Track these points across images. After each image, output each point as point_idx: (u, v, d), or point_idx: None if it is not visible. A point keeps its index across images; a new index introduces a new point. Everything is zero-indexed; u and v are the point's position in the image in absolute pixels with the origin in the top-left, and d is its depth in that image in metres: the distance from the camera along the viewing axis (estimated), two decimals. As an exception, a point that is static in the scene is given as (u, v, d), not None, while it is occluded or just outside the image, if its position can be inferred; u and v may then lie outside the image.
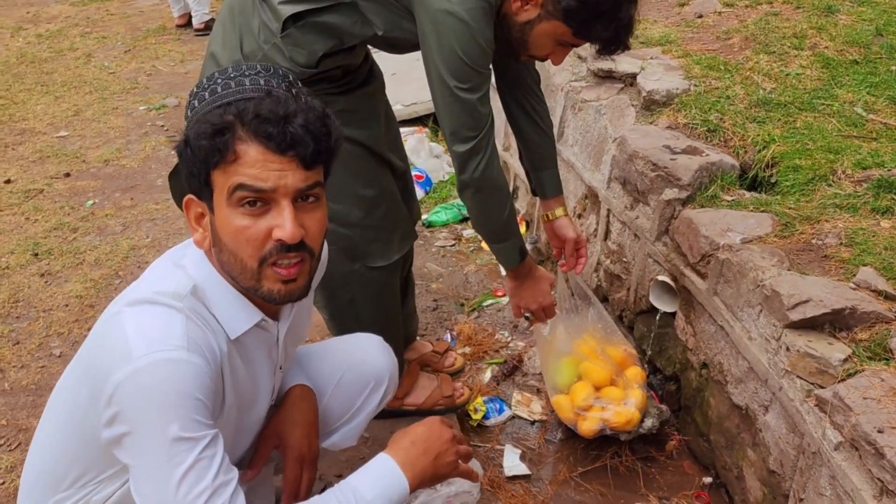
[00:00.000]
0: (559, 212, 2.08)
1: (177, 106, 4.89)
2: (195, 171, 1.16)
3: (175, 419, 1.09)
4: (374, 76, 2.01)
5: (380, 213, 1.93)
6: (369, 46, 1.92)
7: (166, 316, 1.15)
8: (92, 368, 1.17)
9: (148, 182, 3.92)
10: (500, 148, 3.62)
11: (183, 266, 1.24)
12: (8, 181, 3.90)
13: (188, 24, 6.50)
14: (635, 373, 2.16)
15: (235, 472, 1.16)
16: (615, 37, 1.65)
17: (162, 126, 4.62)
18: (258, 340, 1.31)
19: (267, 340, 1.34)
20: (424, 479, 1.28)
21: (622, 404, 2.06)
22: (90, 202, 3.69)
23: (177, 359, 1.11)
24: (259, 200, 1.14)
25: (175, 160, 1.26)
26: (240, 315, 1.24)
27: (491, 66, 1.73)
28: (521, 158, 2.13)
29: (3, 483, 2.09)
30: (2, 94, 5.18)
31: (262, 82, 1.18)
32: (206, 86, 1.19)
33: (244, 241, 1.15)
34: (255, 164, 1.11)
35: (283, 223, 1.13)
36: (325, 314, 2.06)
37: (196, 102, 1.20)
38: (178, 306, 1.16)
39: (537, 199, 2.16)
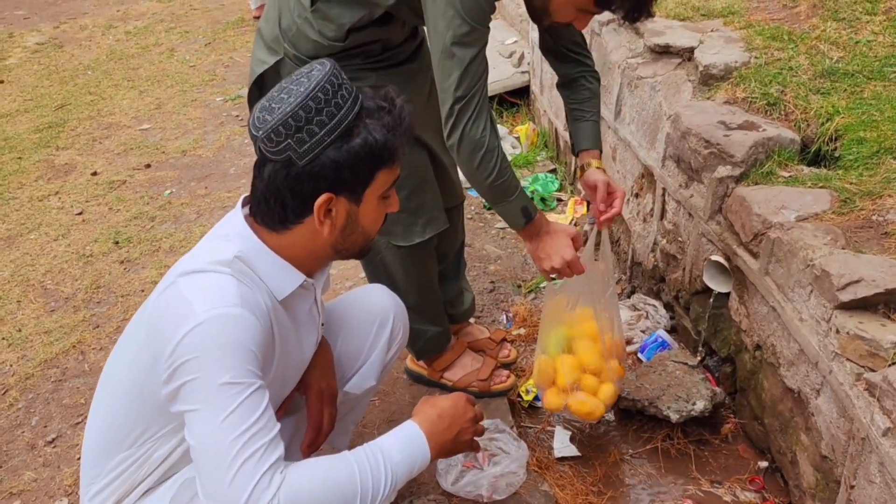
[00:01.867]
0: (594, 163, 1.98)
1: (251, 96, 5.03)
2: (363, 169, 1.29)
3: (230, 367, 1.19)
4: (420, 55, 2.00)
5: (403, 195, 1.91)
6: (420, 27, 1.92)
7: (219, 279, 1.25)
8: (154, 333, 1.27)
9: (221, 171, 4.07)
10: (560, 127, 3.58)
11: (227, 238, 1.34)
12: (94, 173, 4.13)
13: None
14: (613, 367, 2.05)
15: (278, 425, 1.23)
16: (637, 4, 1.61)
17: (237, 116, 4.78)
18: (301, 300, 1.43)
19: (308, 300, 1.46)
20: (442, 452, 1.36)
21: (591, 395, 1.99)
22: (167, 192, 3.86)
23: (234, 314, 1.21)
24: None
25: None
26: (285, 277, 1.36)
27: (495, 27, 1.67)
28: (566, 117, 2.07)
29: (80, 458, 2.23)
30: (92, 90, 5.46)
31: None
32: (336, 90, 1.27)
33: (379, 221, 1.40)
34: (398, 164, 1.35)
35: (396, 204, 1.43)
36: (367, 273, 2.13)
37: (334, 108, 1.26)
38: (228, 271, 1.27)
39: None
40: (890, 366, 1.49)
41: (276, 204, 1.31)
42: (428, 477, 2.00)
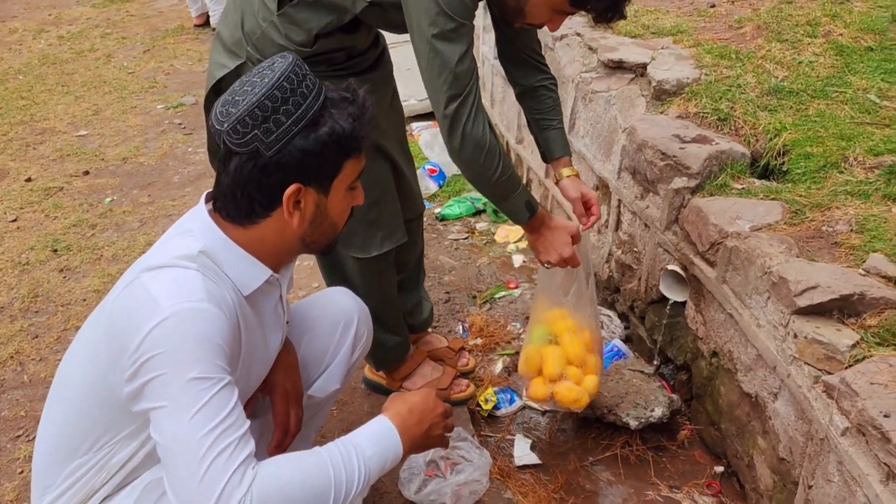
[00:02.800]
0: (565, 172, 2.01)
1: (194, 104, 4.94)
2: (330, 158, 1.29)
3: (198, 362, 1.17)
4: (382, 64, 1.99)
5: (363, 206, 1.91)
6: (384, 35, 1.92)
7: (184, 274, 1.24)
8: (116, 331, 1.23)
9: (165, 179, 3.97)
10: (512, 140, 3.62)
11: (191, 233, 1.32)
12: (29, 179, 3.97)
13: (206, 23, 6.57)
14: (595, 361, 2.10)
15: (248, 421, 1.20)
16: (612, 4, 1.63)
17: (179, 124, 4.68)
18: (267, 297, 1.41)
19: (274, 296, 1.44)
20: (414, 448, 1.35)
21: (577, 384, 2.03)
22: (108, 199, 3.74)
23: (201, 308, 1.19)
24: None
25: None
26: (251, 273, 1.34)
27: (473, 24, 1.67)
28: (528, 125, 2.09)
29: (22, 472, 2.13)
30: (24, 94, 5.26)
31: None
32: (299, 84, 1.26)
33: (346, 213, 1.40)
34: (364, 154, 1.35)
35: (362, 197, 1.43)
36: (328, 283, 2.11)
37: (300, 98, 1.25)
38: (193, 266, 1.25)
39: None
40: (847, 368, 1.55)
41: (243, 197, 1.29)
42: (391, 486, 1.98)
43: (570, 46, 3.05)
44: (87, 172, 4.05)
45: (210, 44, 6.52)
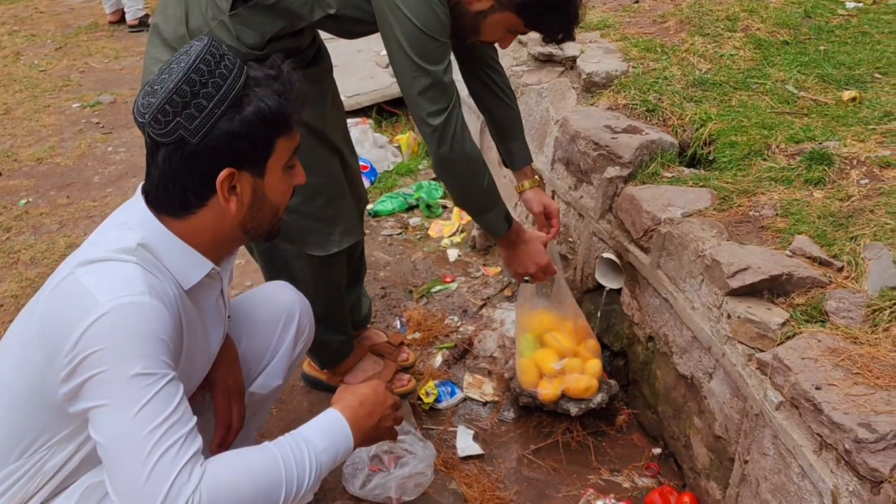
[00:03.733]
0: (526, 184, 2.10)
1: (112, 102, 4.76)
2: (260, 139, 1.25)
3: (141, 357, 1.12)
4: (321, 58, 1.98)
5: (319, 203, 1.90)
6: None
7: (123, 268, 1.19)
8: (49, 330, 1.18)
9: (84, 179, 3.81)
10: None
11: (128, 226, 1.26)
12: (-66, 182, 3.75)
13: (121, 20, 6.35)
14: (592, 345, 2.20)
15: (195, 418, 1.17)
16: (565, 28, 1.71)
17: (97, 123, 4.50)
18: (207, 291, 1.37)
19: (215, 290, 1.40)
20: (365, 440, 1.34)
21: (581, 373, 2.11)
22: (23, 201, 3.57)
23: (143, 302, 1.15)
24: None
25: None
26: (192, 265, 1.29)
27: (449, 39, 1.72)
28: (490, 133, 2.14)
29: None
30: (-75, 93, 4.97)
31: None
32: (218, 65, 1.22)
33: (287, 194, 1.34)
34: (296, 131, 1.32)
35: (302, 175, 1.38)
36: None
37: (220, 79, 1.21)
38: (132, 259, 1.20)
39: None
40: (778, 345, 1.61)
41: (175, 188, 1.25)
42: (334, 482, 1.95)
43: (499, 41, 3.07)
44: (-2, 174, 3.85)
45: (126, 41, 6.27)
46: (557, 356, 2.15)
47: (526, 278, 2.07)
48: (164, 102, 1.19)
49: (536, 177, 2.14)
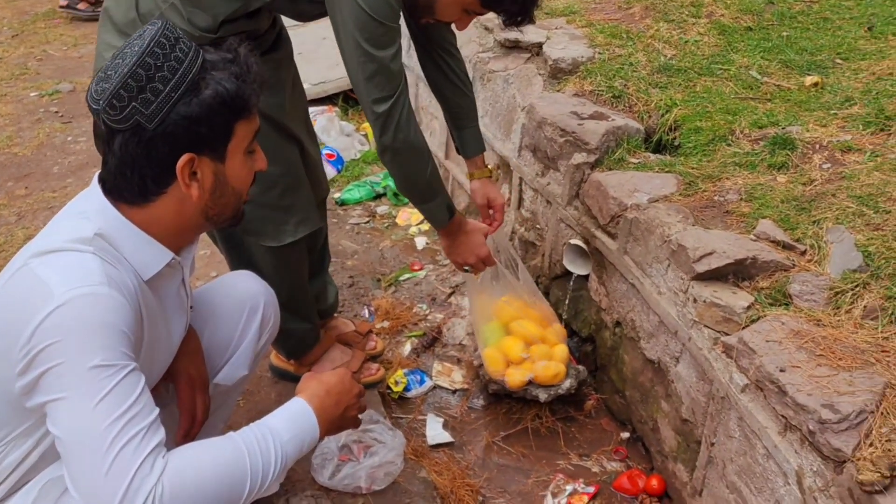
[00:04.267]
0: (475, 174, 2.10)
1: (71, 91, 4.65)
2: (219, 122, 1.22)
3: (99, 349, 1.10)
4: (281, 45, 1.94)
5: (276, 193, 1.87)
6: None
7: (80, 258, 1.16)
8: (2, 323, 1.14)
9: (43, 170, 3.72)
10: (441, 156, 3.58)
11: (85, 215, 1.23)
12: None
13: (70, 5, 6.21)
14: (558, 329, 2.21)
15: (156, 409, 1.14)
16: (522, 9, 1.67)
17: (56, 112, 4.38)
18: (168, 281, 1.35)
19: (176, 280, 1.37)
20: (331, 429, 1.33)
21: (549, 359, 2.12)
22: (-21, 193, 3.47)
23: (101, 293, 1.13)
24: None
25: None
26: (151, 255, 1.27)
27: (401, 24, 1.69)
28: (444, 118, 2.13)
29: None
30: None
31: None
32: (173, 50, 1.19)
33: (248, 179, 1.33)
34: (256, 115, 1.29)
35: (263, 160, 1.35)
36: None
37: (174, 63, 1.18)
38: (89, 249, 1.18)
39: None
40: (743, 328, 1.63)
41: (133, 175, 1.21)
42: (303, 473, 1.93)
43: (466, 27, 3.05)
44: (-47, 165, 3.74)
45: (84, 29, 6.11)
46: (524, 343, 2.15)
47: (466, 268, 2.08)
48: (119, 87, 1.15)
49: (488, 167, 2.13)
